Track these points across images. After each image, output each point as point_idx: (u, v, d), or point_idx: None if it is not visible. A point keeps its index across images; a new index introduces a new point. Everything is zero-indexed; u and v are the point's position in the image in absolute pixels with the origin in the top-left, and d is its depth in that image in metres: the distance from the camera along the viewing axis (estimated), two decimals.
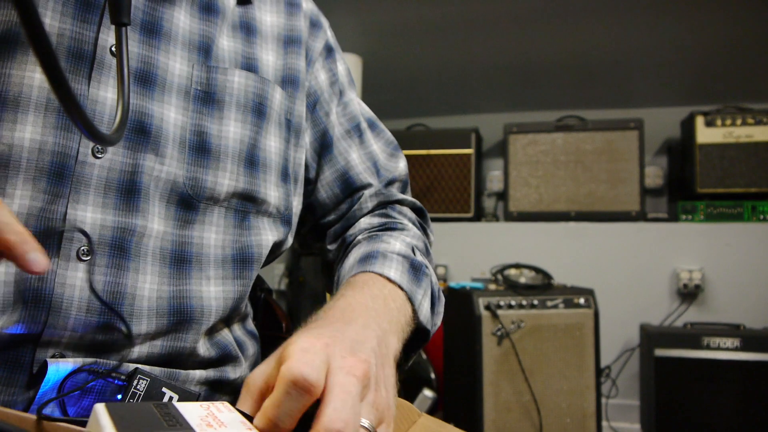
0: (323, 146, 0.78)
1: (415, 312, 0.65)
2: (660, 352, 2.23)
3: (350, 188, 0.79)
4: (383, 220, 0.78)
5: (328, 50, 0.81)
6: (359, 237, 0.76)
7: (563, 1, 2.53)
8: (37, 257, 0.39)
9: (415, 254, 0.71)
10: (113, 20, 0.48)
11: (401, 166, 0.84)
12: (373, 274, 0.65)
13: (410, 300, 0.64)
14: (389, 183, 0.82)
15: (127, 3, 0.49)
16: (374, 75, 2.92)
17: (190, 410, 0.38)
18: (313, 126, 0.78)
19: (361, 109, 0.84)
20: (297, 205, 0.75)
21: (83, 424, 0.38)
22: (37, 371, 0.53)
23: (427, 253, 0.76)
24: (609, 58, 2.81)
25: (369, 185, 0.79)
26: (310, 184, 0.79)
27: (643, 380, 2.35)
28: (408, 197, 0.83)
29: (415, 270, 0.68)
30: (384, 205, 0.80)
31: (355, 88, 0.85)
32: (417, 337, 0.67)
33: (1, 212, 0.38)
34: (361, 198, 0.79)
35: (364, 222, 0.78)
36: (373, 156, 0.81)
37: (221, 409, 0.40)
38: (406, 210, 0.82)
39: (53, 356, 0.54)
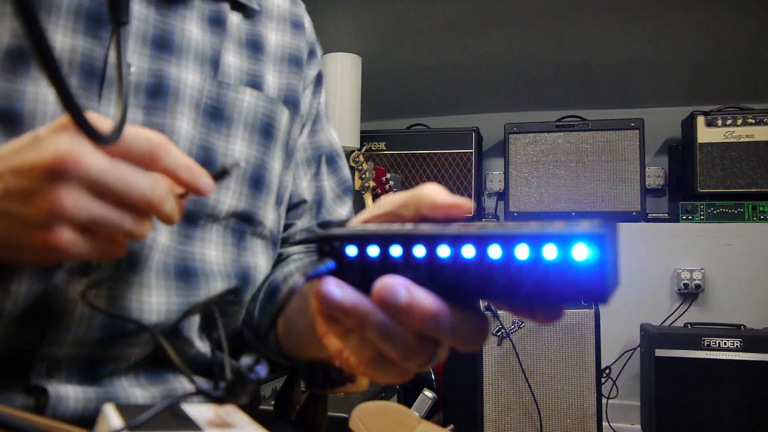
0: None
1: None
2: (660, 353, 2.22)
3: (288, 204, 0.77)
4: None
5: (318, 81, 0.81)
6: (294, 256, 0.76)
7: (564, 1, 2.53)
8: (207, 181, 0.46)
9: None
10: (113, 19, 0.47)
11: (344, 213, 0.82)
12: None
13: None
14: (324, 225, 0.80)
15: (126, 2, 0.48)
16: (374, 75, 2.91)
17: (198, 411, 0.38)
18: None
19: (329, 139, 0.83)
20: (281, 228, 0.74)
21: None
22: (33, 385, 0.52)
23: None
24: (609, 58, 2.81)
25: (302, 216, 0.78)
26: None
27: (644, 380, 2.35)
28: None
29: None
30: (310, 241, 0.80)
31: (330, 119, 0.85)
32: None
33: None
34: (292, 227, 0.77)
35: (295, 249, 0.78)
36: (321, 192, 0.80)
37: (229, 411, 0.40)
38: None
39: (49, 368, 0.53)
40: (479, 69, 2.99)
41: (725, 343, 2.17)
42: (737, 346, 2.16)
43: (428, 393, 2.04)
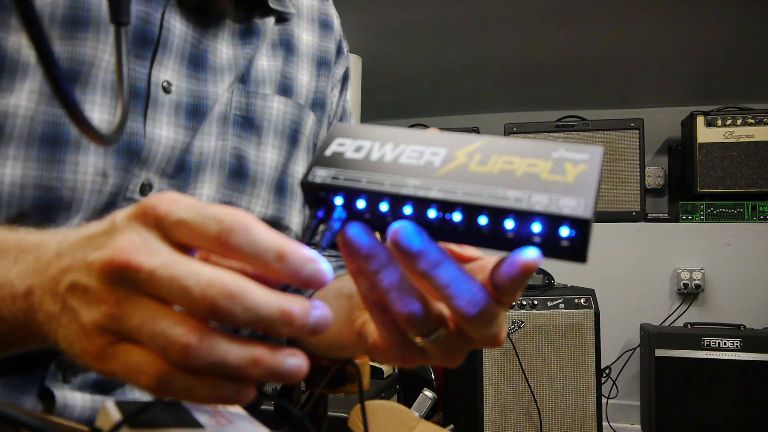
0: None
1: None
2: (660, 353, 2.22)
3: None
4: None
5: (345, 79, 0.82)
6: None
7: (563, 1, 2.53)
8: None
9: None
10: (113, 19, 0.47)
11: None
12: None
13: None
14: None
15: (126, 2, 0.48)
16: (374, 75, 2.91)
17: (198, 408, 0.38)
18: None
19: None
20: None
21: None
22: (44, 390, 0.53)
23: None
24: (609, 58, 2.81)
25: None
26: None
27: (643, 380, 2.35)
28: None
29: None
30: None
31: (353, 115, 0.87)
32: None
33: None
34: None
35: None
36: None
37: (229, 409, 0.40)
38: None
39: (65, 374, 0.53)
40: (479, 69, 2.99)
41: (725, 343, 2.17)
42: (737, 346, 2.16)
43: (428, 393, 2.04)
